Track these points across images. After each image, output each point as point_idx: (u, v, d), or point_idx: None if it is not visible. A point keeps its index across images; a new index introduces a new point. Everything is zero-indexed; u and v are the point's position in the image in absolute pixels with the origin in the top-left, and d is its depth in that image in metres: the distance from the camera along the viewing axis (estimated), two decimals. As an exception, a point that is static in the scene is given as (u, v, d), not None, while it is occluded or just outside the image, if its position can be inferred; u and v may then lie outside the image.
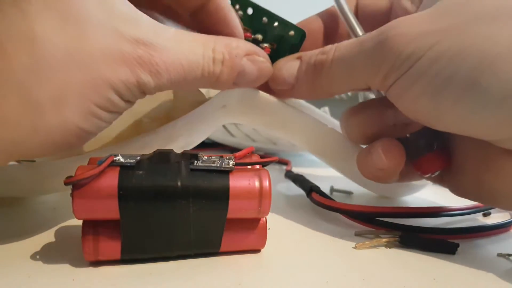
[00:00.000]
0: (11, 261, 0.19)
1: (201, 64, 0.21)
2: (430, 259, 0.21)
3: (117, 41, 0.18)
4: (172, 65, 0.20)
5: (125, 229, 0.18)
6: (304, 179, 0.31)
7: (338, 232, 0.24)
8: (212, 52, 0.21)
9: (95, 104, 0.18)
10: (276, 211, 0.28)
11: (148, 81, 0.19)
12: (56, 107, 0.18)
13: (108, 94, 0.19)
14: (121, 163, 0.18)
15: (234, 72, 0.22)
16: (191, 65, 0.21)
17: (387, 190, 0.30)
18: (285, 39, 0.25)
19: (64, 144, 0.19)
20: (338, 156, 0.29)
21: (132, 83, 0.19)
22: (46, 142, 0.18)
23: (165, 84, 0.20)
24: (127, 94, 0.19)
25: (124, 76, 0.19)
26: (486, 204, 0.26)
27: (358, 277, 0.19)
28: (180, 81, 0.20)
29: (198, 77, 0.21)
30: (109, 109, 0.19)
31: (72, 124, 0.18)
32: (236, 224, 0.20)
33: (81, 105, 0.18)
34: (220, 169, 0.19)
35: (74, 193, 0.18)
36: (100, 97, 0.18)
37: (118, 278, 0.18)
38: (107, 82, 0.18)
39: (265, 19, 0.25)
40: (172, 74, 0.20)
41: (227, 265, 0.20)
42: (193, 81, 0.21)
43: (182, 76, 0.20)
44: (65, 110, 0.18)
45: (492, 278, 0.20)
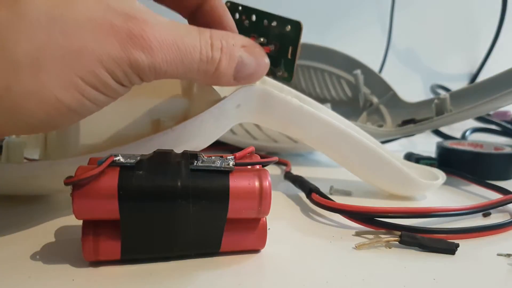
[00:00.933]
0: (11, 261, 0.19)
1: (199, 47, 0.20)
2: (430, 259, 0.21)
3: (106, 13, 0.17)
4: (167, 43, 0.19)
5: (125, 229, 0.18)
6: (303, 180, 0.31)
7: (338, 232, 0.24)
8: (210, 38, 0.20)
9: (80, 77, 0.17)
10: (276, 211, 0.28)
11: (141, 58, 0.18)
12: (33, 68, 0.16)
13: (95, 69, 0.17)
14: (121, 163, 0.18)
15: (233, 62, 0.21)
16: (187, 46, 0.19)
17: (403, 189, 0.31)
18: (284, 35, 0.25)
19: (42, 116, 0.17)
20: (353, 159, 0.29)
21: (122, 59, 0.18)
22: (20, 107, 0.17)
23: (161, 66, 0.19)
24: (118, 73, 0.18)
25: (114, 51, 0.17)
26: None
27: (358, 277, 0.19)
28: (177, 63, 0.19)
29: (196, 60, 0.20)
30: (98, 87, 0.18)
31: (50, 93, 0.17)
32: (236, 224, 0.20)
33: (62, 74, 0.17)
34: (220, 169, 0.19)
35: (74, 193, 0.18)
36: (85, 70, 0.17)
37: (118, 278, 0.18)
38: (93, 54, 0.17)
39: (266, 21, 0.25)
40: (167, 53, 0.19)
41: (227, 265, 0.20)
42: (191, 66, 0.20)
43: (178, 58, 0.19)
44: (42, 74, 0.17)
45: (492, 278, 0.20)
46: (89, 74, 0.17)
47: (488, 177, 0.36)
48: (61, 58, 0.17)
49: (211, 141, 0.27)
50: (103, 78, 0.18)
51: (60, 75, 0.17)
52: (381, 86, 0.54)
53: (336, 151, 0.29)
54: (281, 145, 0.45)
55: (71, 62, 0.17)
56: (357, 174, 0.31)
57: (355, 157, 0.29)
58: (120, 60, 0.18)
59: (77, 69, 0.17)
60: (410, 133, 0.45)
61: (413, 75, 0.87)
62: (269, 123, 0.28)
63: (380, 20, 0.84)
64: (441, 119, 0.41)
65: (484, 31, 0.82)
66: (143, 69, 0.18)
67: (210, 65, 0.20)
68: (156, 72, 0.19)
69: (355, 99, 0.54)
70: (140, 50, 0.18)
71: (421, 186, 0.30)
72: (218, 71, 0.21)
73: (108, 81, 0.18)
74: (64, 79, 0.17)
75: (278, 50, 0.25)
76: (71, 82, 0.17)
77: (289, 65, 0.24)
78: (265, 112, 0.26)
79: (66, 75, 0.17)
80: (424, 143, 0.56)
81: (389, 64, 0.82)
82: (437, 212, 0.25)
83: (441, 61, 0.88)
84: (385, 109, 0.52)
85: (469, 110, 0.39)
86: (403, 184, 0.30)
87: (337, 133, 0.28)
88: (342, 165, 0.30)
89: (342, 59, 0.55)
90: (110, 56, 0.17)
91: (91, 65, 0.17)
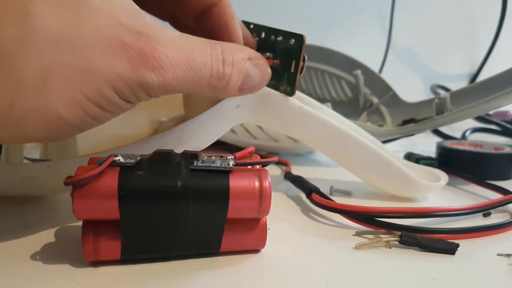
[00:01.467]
0: (11, 261, 0.19)
1: (209, 64, 0.20)
2: (430, 259, 0.21)
3: (117, 30, 0.17)
4: (178, 62, 0.18)
5: (125, 229, 0.18)
6: (303, 180, 0.31)
7: (338, 232, 0.24)
8: (221, 53, 0.20)
9: (86, 96, 0.17)
10: (276, 211, 0.28)
11: (151, 78, 0.18)
12: (39, 87, 0.16)
13: (102, 88, 0.17)
14: (121, 163, 0.18)
15: (242, 76, 0.21)
16: (198, 63, 0.19)
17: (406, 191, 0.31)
18: (288, 50, 0.25)
19: (43, 131, 0.17)
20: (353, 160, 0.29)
21: (131, 79, 0.17)
22: (23, 123, 0.17)
23: (171, 84, 0.19)
24: (126, 91, 0.18)
25: (123, 71, 0.17)
26: None
27: (358, 277, 0.19)
28: (186, 81, 0.19)
29: (206, 77, 0.20)
30: (102, 106, 0.18)
31: (54, 111, 0.17)
32: (236, 224, 0.20)
33: (67, 93, 0.17)
34: (220, 169, 0.19)
35: (74, 193, 0.18)
36: (91, 89, 0.17)
37: (118, 278, 0.18)
38: (101, 73, 0.17)
39: (273, 37, 0.25)
40: (178, 72, 0.18)
41: (227, 265, 0.20)
42: (201, 82, 0.20)
43: (189, 76, 0.19)
44: (48, 93, 0.16)
45: (492, 278, 0.20)
46: (96, 94, 0.17)
47: (488, 177, 0.36)
48: (69, 77, 0.17)
49: (210, 142, 0.27)
50: (110, 97, 0.18)
51: (66, 94, 0.17)
52: (381, 86, 0.54)
53: (336, 152, 0.29)
54: (282, 144, 0.45)
55: (78, 82, 0.17)
56: (358, 176, 0.31)
57: (356, 159, 0.29)
58: (129, 80, 0.17)
59: (83, 88, 0.17)
60: (410, 133, 0.45)
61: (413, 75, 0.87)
62: (269, 124, 0.28)
63: (380, 20, 0.84)
64: (442, 118, 0.41)
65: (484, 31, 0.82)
66: (153, 88, 0.18)
67: (221, 81, 0.20)
68: (165, 89, 0.19)
69: (355, 99, 0.54)
70: (150, 70, 0.18)
71: (423, 188, 0.30)
72: (227, 86, 0.21)
73: (114, 100, 0.18)
74: (69, 98, 0.17)
75: (283, 64, 0.25)
76: (76, 100, 0.17)
77: (292, 79, 0.24)
78: (265, 112, 0.26)
79: (72, 94, 0.17)
80: (424, 143, 0.56)
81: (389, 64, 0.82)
82: (437, 212, 0.25)
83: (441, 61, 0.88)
84: (385, 109, 0.52)
85: (470, 109, 0.39)
86: (405, 186, 0.30)
87: (337, 134, 0.27)
88: (343, 166, 0.30)
89: (342, 60, 0.55)
90: (119, 76, 0.17)
91: (98, 85, 0.17)
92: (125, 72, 0.17)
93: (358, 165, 0.30)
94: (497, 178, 0.37)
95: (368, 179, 0.31)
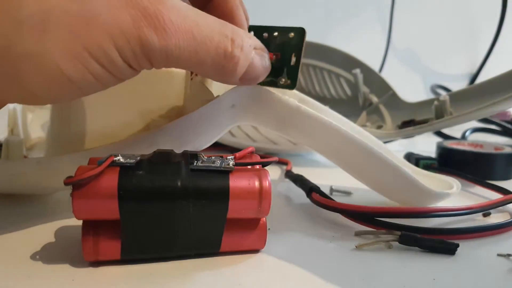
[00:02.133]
0: (11, 261, 0.19)
1: (216, 39, 0.19)
2: (430, 259, 0.21)
3: None
4: (182, 29, 0.17)
5: (125, 229, 0.18)
6: (304, 179, 0.31)
7: (338, 232, 0.24)
8: (231, 33, 0.19)
9: (86, 49, 0.16)
10: (276, 211, 0.28)
11: (152, 40, 0.17)
12: (36, 30, 0.16)
13: (104, 42, 0.16)
14: (121, 163, 0.18)
15: (247, 63, 0.21)
16: (204, 36, 0.18)
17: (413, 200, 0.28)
18: (287, 44, 0.25)
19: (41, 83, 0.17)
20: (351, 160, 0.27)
21: (133, 36, 0.17)
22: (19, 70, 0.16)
23: (173, 52, 0.18)
24: (127, 51, 0.17)
25: (125, 26, 0.16)
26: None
27: (358, 277, 0.19)
28: (190, 52, 0.18)
29: (212, 52, 0.19)
30: (103, 63, 0.17)
31: (51, 59, 0.16)
32: (236, 224, 0.20)
33: (66, 41, 0.16)
34: (220, 169, 0.19)
35: (74, 193, 0.18)
36: (92, 42, 0.16)
37: (118, 278, 0.18)
38: (103, 26, 0.16)
39: (266, 34, 0.25)
40: (181, 39, 0.17)
41: (227, 265, 0.20)
42: (205, 58, 0.19)
43: (192, 47, 0.18)
44: (46, 38, 0.16)
45: (492, 278, 0.20)
46: (97, 47, 0.16)
47: (488, 177, 0.36)
48: (69, 25, 0.16)
49: (209, 143, 0.27)
50: (111, 54, 0.17)
51: (65, 43, 0.16)
52: (381, 85, 0.54)
53: (338, 156, 0.27)
54: (281, 147, 0.45)
55: (79, 31, 0.16)
56: (363, 182, 0.29)
57: (358, 163, 0.27)
58: (131, 37, 0.17)
59: (84, 39, 0.16)
60: (409, 136, 0.45)
61: (413, 75, 0.87)
62: (266, 124, 0.27)
63: (380, 20, 0.84)
64: (441, 122, 0.41)
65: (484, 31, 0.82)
66: (154, 51, 0.17)
67: (228, 61, 0.19)
68: (167, 57, 0.18)
69: (355, 98, 0.54)
70: (153, 30, 0.17)
71: (435, 197, 0.28)
72: (234, 70, 0.20)
73: (115, 58, 0.17)
74: (68, 48, 0.16)
75: (280, 59, 0.25)
76: (76, 52, 0.16)
77: (293, 72, 0.24)
78: (261, 112, 0.26)
79: (72, 44, 0.16)
80: (424, 143, 0.56)
81: (389, 64, 0.82)
82: (437, 212, 0.25)
83: (441, 61, 0.88)
84: (384, 109, 0.52)
85: (469, 114, 0.39)
86: (413, 195, 0.27)
87: (339, 137, 0.25)
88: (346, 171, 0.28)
89: (341, 58, 0.55)
90: (121, 31, 0.16)
91: (99, 38, 0.16)
92: (127, 28, 0.17)
93: (361, 170, 0.28)
94: (497, 178, 0.37)
95: (374, 186, 0.29)
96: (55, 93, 0.17)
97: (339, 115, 0.31)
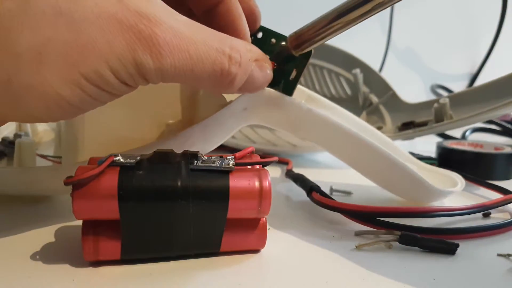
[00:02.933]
0: (11, 261, 0.19)
1: (213, 58, 0.19)
2: (430, 259, 0.21)
3: (116, 9, 0.17)
4: (178, 49, 0.18)
5: (125, 229, 0.18)
6: (305, 178, 0.31)
7: (338, 232, 0.24)
8: (230, 49, 0.19)
9: (82, 75, 0.17)
10: (276, 211, 0.28)
11: (147, 62, 0.17)
12: (35, 63, 0.16)
13: (99, 68, 0.17)
14: (121, 163, 0.18)
15: (246, 76, 0.21)
16: (200, 55, 0.18)
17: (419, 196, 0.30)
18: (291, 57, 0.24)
19: (42, 108, 0.17)
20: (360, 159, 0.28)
21: (127, 60, 0.17)
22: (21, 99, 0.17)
23: (168, 71, 0.18)
24: (123, 73, 0.17)
25: (120, 51, 0.17)
26: None
27: (358, 277, 0.19)
28: (186, 71, 0.18)
29: (208, 70, 0.19)
30: (100, 85, 0.17)
31: (50, 88, 0.17)
32: (236, 224, 0.20)
33: (63, 70, 0.16)
34: (220, 169, 0.19)
35: (74, 193, 0.18)
36: (88, 68, 0.17)
37: (118, 278, 0.18)
38: (99, 52, 0.17)
39: (274, 40, 0.25)
40: (177, 59, 0.18)
41: (227, 265, 0.20)
42: (201, 75, 0.19)
43: (188, 66, 0.18)
44: (44, 69, 0.16)
45: (492, 278, 0.20)
46: (92, 73, 0.17)
47: (488, 177, 0.36)
48: (65, 54, 0.16)
49: (217, 144, 0.27)
50: (107, 77, 0.17)
51: (62, 71, 0.17)
52: (381, 85, 0.54)
53: (348, 155, 0.28)
54: (280, 148, 0.45)
55: (75, 59, 0.17)
56: (372, 180, 0.30)
57: (369, 163, 0.28)
58: (126, 61, 0.17)
59: (80, 66, 0.17)
60: (409, 138, 0.45)
61: (413, 75, 0.87)
62: (277, 126, 0.27)
63: (380, 20, 0.84)
64: (441, 126, 0.41)
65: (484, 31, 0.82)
66: (149, 72, 0.18)
67: (225, 78, 0.20)
68: (163, 76, 0.18)
69: (355, 97, 0.54)
70: (147, 53, 0.17)
71: (439, 194, 0.29)
72: (231, 84, 0.20)
73: (111, 80, 0.17)
74: (66, 76, 0.17)
75: (280, 70, 0.24)
76: (73, 79, 0.17)
77: (290, 86, 0.24)
78: (272, 115, 0.26)
79: (69, 72, 0.17)
80: (424, 142, 0.56)
81: (389, 64, 0.82)
82: (437, 212, 0.25)
83: (441, 61, 0.88)
84: (384, 109, 0.52)
85: (469, 118, 0.39)
86: (419, 192, 0.28)
87: (348, 137, 0.26)
88: (355, 170, 0.29)
89: (341, 57, 0.55)
90: (116, 56, 0.17)
91: (95, 64, 0.17)
92: (122, 53, 0.17)
93: (371, 169, 0.28)
94: (497, 178, 0.37)
95: (381, 184, 0.30)
96: (56, 115, 0.18)
97: (348, 112, 0.32)
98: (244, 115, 0.25)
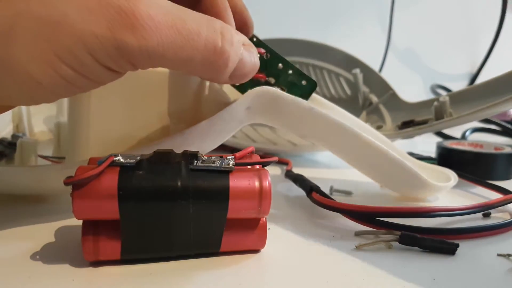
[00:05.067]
0: (11, 261, 0.19)
1: (204, 35, 0.17)
2: (430, 259, 0.21)
3: None
4: (164, 24, 0.16)
5: (125, 229, 0.18)
6: (304, 178, 0.31)
7: (338, 232, 0.24)
8: (221, 27, 0.18)
9: (55, 53, 0.16)
10: (276, 211, 0.28)
11: (130, 41, 0.16)
12: (4, 37, 0.15)
13: (74, 47, 0.15)
14: (121, 163, 0.18)
15: (237, 59, 0.19)
16: (190, 30, 0.17)
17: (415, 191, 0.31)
18: (297, 86, 0.26)
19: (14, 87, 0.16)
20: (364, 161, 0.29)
21: (106, 38, 0.15)
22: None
23: (155, 50, 0.16)
24: (102, 54, 0.16)
25: (98, 29, 0.15)
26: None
27: (358, 277, 0.19)
28: (175, 49, 0.17)
29: (200, 48, 0.17)
30: (75, 67, 0.16)
31: (19, 65, 0.16)
32: (236, 224, 0.20)
33: (34, 46, 0.15)
34: (220, 169, 0.19)
35: (74, 193, 0.18)
36: (61, 46, 0.15)
37: (118, 278, 0.18)
38: (73, 29, 0.15)
39: (281, 65, 0.25)
40: (164, 36, 0.16)
41: (227, 265, 0.20)
42: (193, 54, 0.17)
43: (178, 43, 0.16)
44: (13, 44, 0.15)
45: (492, 278, 0.20)
46: (66, 51, 0.16)
47: (488, 177, 0.36)
48: (37, 30, 0.15)
49: (220, 143, 0.27)
50: (82, 58, 0.16)
51: (33, 48, 0.15)
52: (381, 85, 0.54)
53: (347, 153, 0.29)
54: (280, 148, 0.45)
55: (47, 36, 0.15)
56: (369, 177, 0.31)
57: (367, 160, 0.29)
58: (104, 40, 0.16)
59: (53, 44, 0.15)
60: (409, 137, 0.45)
61: (413, 75, 0.87)
62: (279, 124, 0.28)
63: (380, 20, 0.84)
64: (441, 123, 0.41)
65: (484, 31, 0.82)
66: (133, 52, 0.16)
67: (219, 57, 0.18)
68: (150, 57, 0.17)
69: (355, 97, 0.54)
70: (130, 30, 0.15)
71: (433, 189, 0.30)
72: (225, 66, 0.19)
73: (88, 62, 0.16)
74: (36, 53, 0.16)
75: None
76: (45, 57, 0.16)
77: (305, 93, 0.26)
78: (275, 114, 0.26)
79: (40, 49, 0.15)
80: (424, 142, 0.56)
81: (389, 64, 0.82)
82: (437, 212, 0.25)
83: (441, 61, 0.88)
84: (384, 109, 0.52)
85: (469, 116, 0.39)
86: (415, 187, 0.29)
87: (348, 135, 0.27)
88: (354, 167, 0.30)
89: (341, 57, 0.55)
90: (94, 35, 0.15)
91: (68, 41, 0.15)
92: (100, 31, 0.15)
93: (369, 166, 0.29)
94: (497, 178, 0.37)
95: (379, 180, 0.31)
96: (28, 96, 0.17)
97: (345, 111, 0.32)
98: (246, 114, 0.26)
